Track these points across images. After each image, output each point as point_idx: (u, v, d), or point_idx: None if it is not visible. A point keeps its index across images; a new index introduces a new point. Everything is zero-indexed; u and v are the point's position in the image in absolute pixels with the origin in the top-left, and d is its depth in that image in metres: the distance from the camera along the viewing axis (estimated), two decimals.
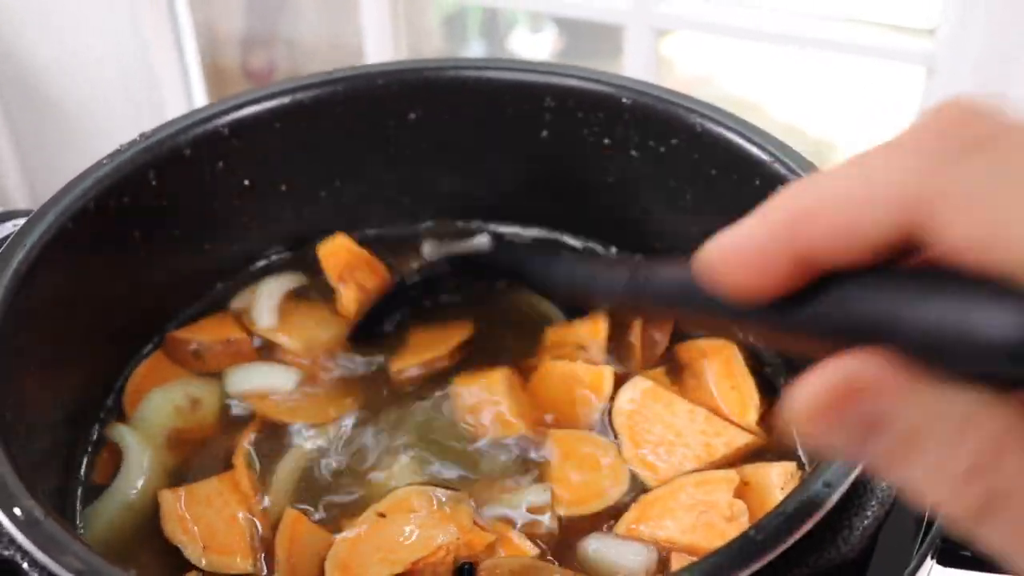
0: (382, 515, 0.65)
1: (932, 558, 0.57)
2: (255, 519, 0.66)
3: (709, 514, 0.63)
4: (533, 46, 2.46)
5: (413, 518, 0.64)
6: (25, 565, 0.49)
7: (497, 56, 2.26)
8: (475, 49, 2.45)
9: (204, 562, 0.63)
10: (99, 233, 0.69)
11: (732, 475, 0.65)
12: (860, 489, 0.53)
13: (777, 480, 0.64)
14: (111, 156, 0.70)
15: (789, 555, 0.48)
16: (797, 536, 0.48)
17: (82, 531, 0.66)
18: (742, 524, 0.62)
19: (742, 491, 0.64)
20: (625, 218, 0.81)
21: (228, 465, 0.69)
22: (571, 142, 0.79)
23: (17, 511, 0.49)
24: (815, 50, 1.82)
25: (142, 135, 0.72)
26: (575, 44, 2.47)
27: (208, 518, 0.65)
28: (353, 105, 0.78)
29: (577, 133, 0.79)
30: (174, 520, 0.65)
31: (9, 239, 0.64)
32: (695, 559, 0.52)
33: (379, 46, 2.06)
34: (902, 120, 1.71)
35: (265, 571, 0.64)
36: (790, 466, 0.65)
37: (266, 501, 0.68)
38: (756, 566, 0.47)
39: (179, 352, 0.77)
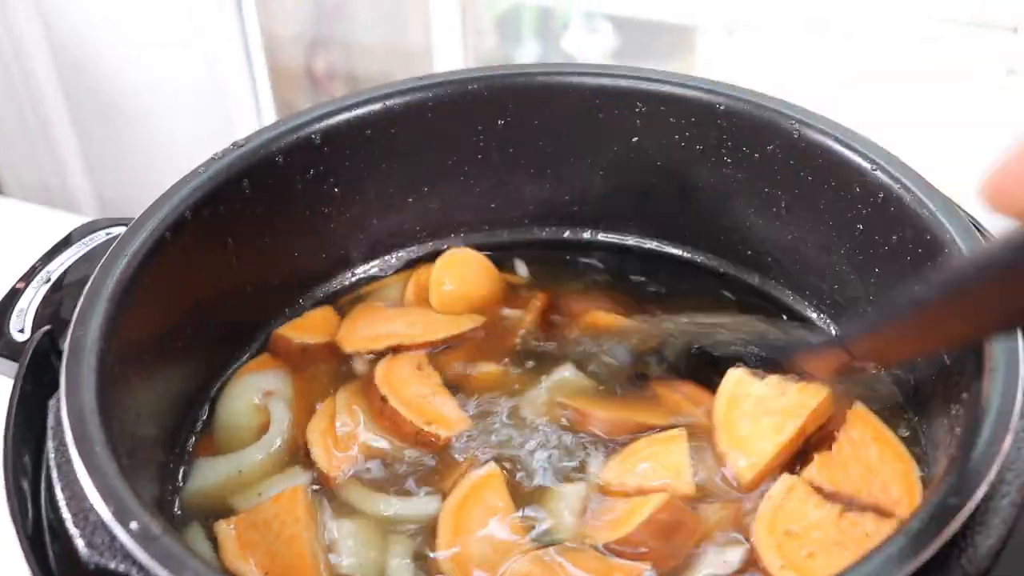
0: None
1: None
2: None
3: None
4: (588, 46, 2.44)
5: None
6: None
7: (551, 57, 2.25)
8: (529, 49, 2.44)
9: None
10: (195, 242, 0.69)
11: None
12: (983, 507, 0.51)
13: None
14: (206, 165, 0.71)
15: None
16: (926, 556, 0.47)
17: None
18: None
19: None
20: (717, 224, 0.80)
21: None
22: (662, 148, 0.78)
23: (134, 525, 0.49)
24: (890, 46, 1.79)
25: (235, 143, 0.72)
26: (630, 44, 2.44)
27: (267, 543, 0.63)
28: (443, 112, 0.78)
29: (668, 139, 0.78)
30: (232, 551, 0.63)
31: (110, 250, 0.64)
32: None
33: (445, 51, 2.06)
34: (978, 129, 1.66)
35: None
36: None
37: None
38: None
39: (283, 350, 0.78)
